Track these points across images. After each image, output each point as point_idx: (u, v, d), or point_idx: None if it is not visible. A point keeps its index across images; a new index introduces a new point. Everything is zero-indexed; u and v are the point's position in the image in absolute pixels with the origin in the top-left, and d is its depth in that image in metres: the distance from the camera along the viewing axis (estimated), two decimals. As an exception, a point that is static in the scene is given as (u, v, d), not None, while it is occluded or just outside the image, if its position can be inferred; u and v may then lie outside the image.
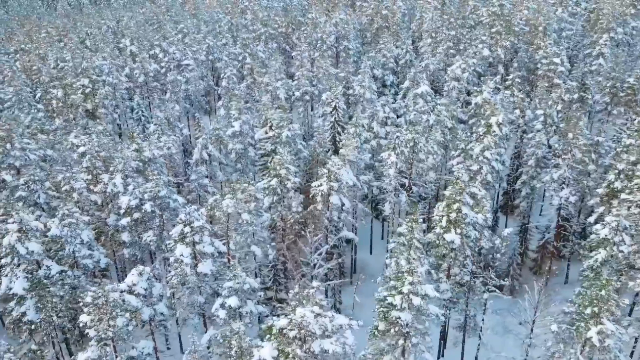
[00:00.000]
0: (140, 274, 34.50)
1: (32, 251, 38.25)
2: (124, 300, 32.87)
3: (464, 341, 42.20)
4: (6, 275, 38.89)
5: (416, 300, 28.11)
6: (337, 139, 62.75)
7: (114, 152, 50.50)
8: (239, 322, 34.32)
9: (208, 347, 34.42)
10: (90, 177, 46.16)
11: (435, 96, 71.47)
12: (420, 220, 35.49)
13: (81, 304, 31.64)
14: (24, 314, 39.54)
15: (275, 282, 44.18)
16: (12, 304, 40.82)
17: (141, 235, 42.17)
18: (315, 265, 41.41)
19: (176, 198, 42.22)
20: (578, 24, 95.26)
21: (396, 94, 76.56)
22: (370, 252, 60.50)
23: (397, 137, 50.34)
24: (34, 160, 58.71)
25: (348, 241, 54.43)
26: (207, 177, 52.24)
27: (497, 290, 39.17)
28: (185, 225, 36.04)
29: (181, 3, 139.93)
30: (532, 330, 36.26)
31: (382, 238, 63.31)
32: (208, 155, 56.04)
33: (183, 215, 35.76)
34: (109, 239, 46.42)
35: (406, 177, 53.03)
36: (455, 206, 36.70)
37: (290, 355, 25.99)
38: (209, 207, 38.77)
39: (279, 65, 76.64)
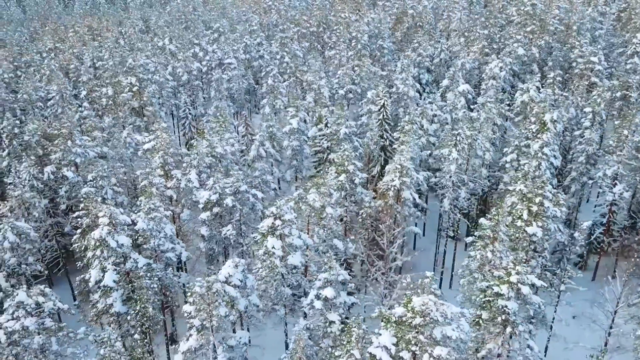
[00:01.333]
0: (236, 266, 35.35)
1: (122, 244, 39.16)
2: (225, 291, 33.73)
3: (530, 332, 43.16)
4: (95, 268, 39.80)
5: (525, 290, 29.07)
6: (384, 136, 63.66)
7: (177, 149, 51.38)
8: (333, 312, 35.41)
9: (309, 337, 35.25)
10: (162, 172, 47.01)
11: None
12: (506, 213, 36.40)
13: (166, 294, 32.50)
14: (110, 305, 40.52)
15: (350, 274, 45.09)
16: (96, 296, 41.79)
17: (220, 230, 43.02)
18: (392, 258, 42.34)
19: (255, 193, 43.12)
20: (608, 23, 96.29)
21: (430, 92, 77.45)
22: (414, 247, 61.32)
23: (459, 133, 51.26)
24: (92, 157, 59.81)
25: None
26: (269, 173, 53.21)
27: (572, 282, 40.13)
28: (275, 218, 36.96)
29: (203, 2, 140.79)
30: (613, 320, 37.25)
31: (424, 234, 63.84)
32: (265, 152, 56.92)
33: (274, 209, 36.66)
34: (181, 234, 47.33)
35: (464, 174, 53.99)
36: (537, 200, 37.64)
37: (413, 342, 26.90)
38: (295, 201, 39.64)
39: (319, 63, 77.60)
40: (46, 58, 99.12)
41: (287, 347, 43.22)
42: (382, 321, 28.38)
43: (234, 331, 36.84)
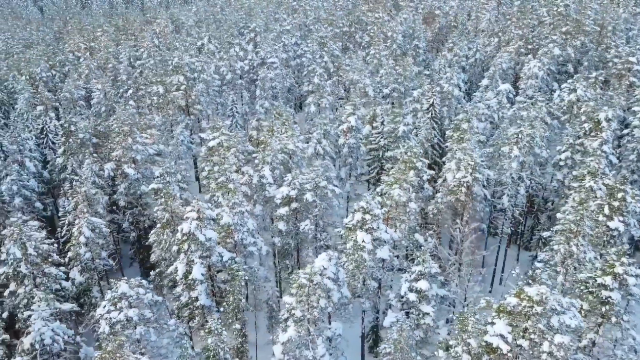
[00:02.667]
0: (330, 259, 36.10)
1: (210, 238, 39.95)
2: (323, 284, 34.49)
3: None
4: (181, 262, 40.60)
5: (631, 280, 29.93)
6: (433, 134, 64.48)
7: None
8: (427, 304, 36.22)
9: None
10: (236, 169, 47.81)
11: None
12: (593, 207, 37.27)
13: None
14: (196, 298, 41.31)
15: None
16: (178, 289, 42.58)
17: (297, 225, 43.83)
18: (466, 253, 43.19)
19: (333, 189, 43.95)
20: (638, 23, 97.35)
21: (474, 91, 78.38)
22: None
23: (520, 131, 52.14)
24: (151, 154, 60.65)
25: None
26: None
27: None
28: (364, 213, 37.78)
29: (226, 2, 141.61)
30: None
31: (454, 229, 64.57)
32: (322, 150, 57.70)
33: (363, 203, 37.49)
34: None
35: (522, 171, 54.87)
36: (619, 195, 38.52)
37: (530, 330, 27.74)
38: (379, 195, 40.47)
39: (361, 63, 78.46)
40: (81, 57, 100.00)
41: (363, 339, 44.12)
42: (495, 311, 29.20)
43: (329, 323, 37.60)
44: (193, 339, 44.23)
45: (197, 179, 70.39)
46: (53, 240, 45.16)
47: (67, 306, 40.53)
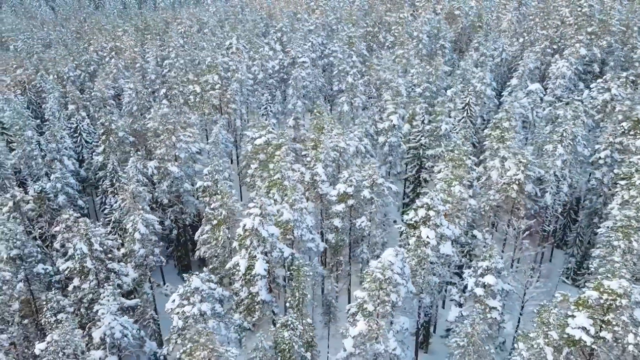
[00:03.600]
0: (396, 255, 36.62)
1: (272, 234, 40.47)
2: (394, 278, 35.00)
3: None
4: (243, 257, 41.10)
5: None
6: (469, 133, 65.03)
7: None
8: (494, 300, 36.75)
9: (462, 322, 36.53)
10: (272, 165, 48.23)
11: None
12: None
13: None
14: (256, 294, 41.82)
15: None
16: (237, 284, 43.07)
17: (353, 221, 44.36)
18: (521, 248, 43.76)
19: (389, 185, 44.48)
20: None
21: (508, 91, 78.88)
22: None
23: (565, 130, 52.71)
24: (194, 152, 61.15)
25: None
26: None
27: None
28: (428, 209, 38.32)
29: (245, 2, 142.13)
30: None
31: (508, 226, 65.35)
32: (364, 148, 58.22)
33: (428, 200, 38.02)
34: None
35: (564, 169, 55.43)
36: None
37: (613, 322, 28.29)
38: (438, 191, 41.00)
39: (391, 62, 79.01)
40: (106, 57, 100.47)
41: (418, 335, 44.62)
42: (574, 304, 29.75)
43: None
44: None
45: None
46: (116, 236, 45.52)
47: (132, 301, 41.03)
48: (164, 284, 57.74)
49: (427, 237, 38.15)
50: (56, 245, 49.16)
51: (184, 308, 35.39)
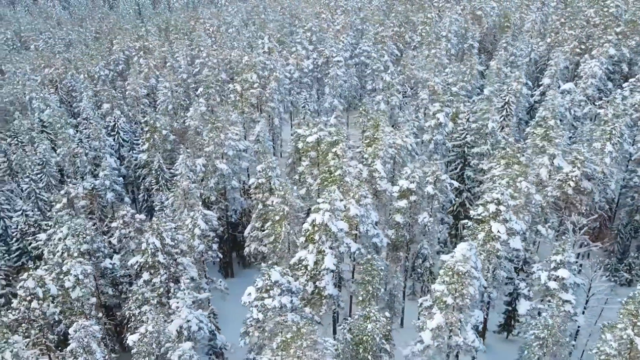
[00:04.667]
0: (470, 249, 37.21)
1: (341, 229, 41.03)
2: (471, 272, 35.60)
3: None
4: (311, 252, 41.62)
5: None
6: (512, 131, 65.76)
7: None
8: (567, 293, 37.33)
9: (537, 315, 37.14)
10: (333, 162, 48.82)
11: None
12: None
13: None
14: (323, 288, 42.33)
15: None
16: (302, 279, 43.55)
17: (415, 217, 44.94)
18: (580, 244, 44.36)
19: (451, 182, 45.07)
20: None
21: (543, 90, 79.58)
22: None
23: (614, 127, 53.36)
24: (241, 150, 61.69)
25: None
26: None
27: None
28: (498, 204, 38.90)
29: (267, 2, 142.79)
30: None
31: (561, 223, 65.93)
32: (410, 147, 58.77)
33: (498, 195, 38.60)
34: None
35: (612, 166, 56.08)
36: None
37: None
38: (507, 186, 41.61)
39: (426, 61, 79.74)
40: (135, 56, 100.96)
41: (484, 329, 45.21)
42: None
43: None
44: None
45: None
46: (185, 231, 46.05)
47: (203, 295, 41.56)
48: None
49: (498, 231, 38.71)
50: (113, 240, 49.82)
51: (265, 301, 35.90)
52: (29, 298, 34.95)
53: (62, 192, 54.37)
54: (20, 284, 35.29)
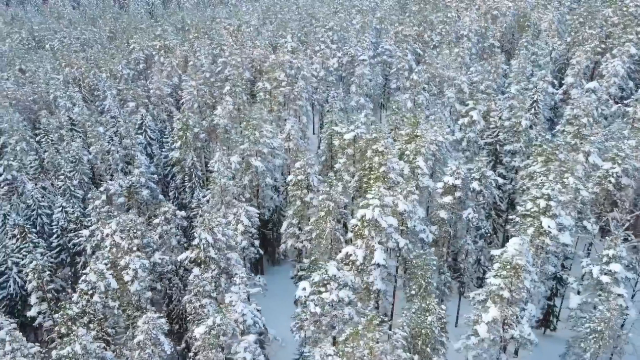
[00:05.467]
0: (522, 243, 37.67)
1: (391, 225, 41.48)
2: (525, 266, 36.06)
3: None
4: (360, 247, 42.08)
5: None
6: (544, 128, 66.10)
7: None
8: (617, 286, 37.81)
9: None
10: (378, 158, 49.29)
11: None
12: None
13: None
14: (371, 283, 42.79)
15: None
16: (349, 274, 43.97)
17: (459, 213, 45.43)
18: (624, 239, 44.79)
19: (496, 178, 45.57)
20: None
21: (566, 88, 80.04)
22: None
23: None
24: (276, 147, 62.14)
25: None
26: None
27: None
28: (548, 200, 39.39)
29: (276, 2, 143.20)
30: None
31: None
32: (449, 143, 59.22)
33: (548, 191, 39.09)
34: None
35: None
36: None
37: None
38: (555, 181, 42.10)
39: (450, 60, 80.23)
40: (155, 55, 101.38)
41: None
42: None
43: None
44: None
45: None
46: (247, 226, 46.53)
47: (255, 289, 41.99)
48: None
49: (549, 226, 39.20)
50: (154, 236, 50.23)
51: (322, 295, 36.37)
52: (90, 292, 35.34)
53: (102, 188, 54.84)
54: (82, 277, 35.67)
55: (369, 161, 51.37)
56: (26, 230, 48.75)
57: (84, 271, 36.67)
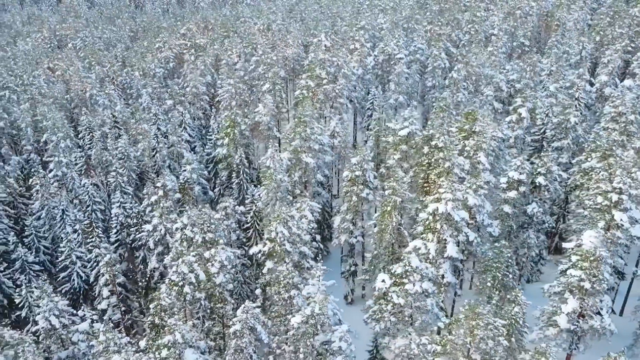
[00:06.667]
0: (597, 236, 38.38)
1: (463, 218, 42.20)
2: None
3: None
4: (431, 241, 42.79)
5: None
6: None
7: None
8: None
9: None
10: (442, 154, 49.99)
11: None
12: None
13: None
14: (442, 276, 43.50)
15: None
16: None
17: (524, 208, 46.15)
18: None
19: (560, 173, 46.32)
20: None
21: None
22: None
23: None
24: (323, 144, 62.76)
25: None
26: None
27: None
28: (620, 193, 40.13)
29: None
30: None
31: None
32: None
33: (621, 185, 39.81)
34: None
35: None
36: None
37: None
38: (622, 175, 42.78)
39: (484, 58, 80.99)
40: (186, 54, 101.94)
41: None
42: None
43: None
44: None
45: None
46: (310, 220, 47.12)
47: (329, 282, 42.56)
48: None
49: (621, 220, 39.94)
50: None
51: (406, 286, 37.05)
52: (181, 283, 35.98)
53: (159, 184, 55.35)
54: (172, 269, 36.32)
55: (426, 157, 52.08)
56: (93, 225, 49.28)
57: (174, 262, 37.25)
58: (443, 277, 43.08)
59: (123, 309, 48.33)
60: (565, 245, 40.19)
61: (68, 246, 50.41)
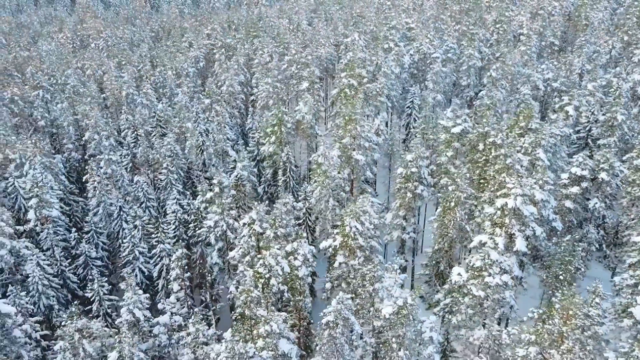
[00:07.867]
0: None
1: (532, 213, 42.96)
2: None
3: None
4: (499, 236, 43.53)
5: None
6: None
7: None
8: None
9: None
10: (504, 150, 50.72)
11: None
12: None
13: None
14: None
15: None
16: (478, 263, 45.40)
17: (584, 203, 46.96)
18: None
19: (621, 169, 47.17)
20: None
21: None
22: None
23: None
24: (373, 142, 63.56)
25: None
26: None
27: None
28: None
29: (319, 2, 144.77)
30: None
31: None
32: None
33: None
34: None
35: None
36: None
37: None
38: None
39: (519, 57, 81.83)
40: (216, 54, 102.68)
41: None
42: None
43: None
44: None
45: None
46: (378, 215, 47.86)
47: (402, 275, 43.32)
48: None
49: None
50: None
51: (486, 279, 37.82)
52: (267, 275, 36.70)
53: (215, 181, 56.10)
54: (259, 262, 37.05)
55: (482, 154, 52.85)
56: (159, 221, 49.99)
57: (259, 255, 37.96)
58: (511, 270, 43.78)
59: (189, 302, 49.02)
60: (633, 239, 41.00)
61: (131, 242, 51.16)
